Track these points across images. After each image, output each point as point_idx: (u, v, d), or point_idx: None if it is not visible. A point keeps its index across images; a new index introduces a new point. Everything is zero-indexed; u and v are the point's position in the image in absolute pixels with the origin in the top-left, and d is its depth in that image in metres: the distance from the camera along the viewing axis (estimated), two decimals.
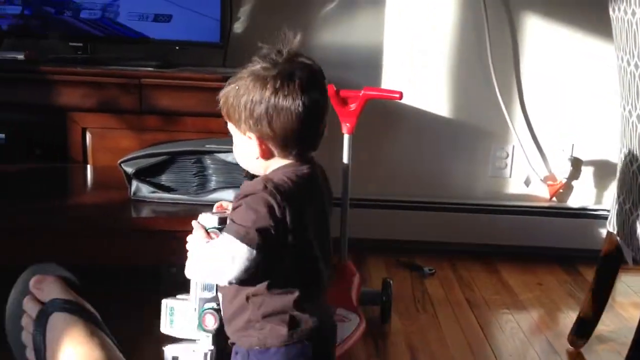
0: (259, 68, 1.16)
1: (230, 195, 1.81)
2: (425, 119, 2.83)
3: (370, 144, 2.78)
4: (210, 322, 1.20)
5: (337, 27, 2.78)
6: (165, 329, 1.23)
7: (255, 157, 1.20)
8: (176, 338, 1.24)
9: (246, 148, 1.20)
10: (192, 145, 1.88)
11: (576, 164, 2.86)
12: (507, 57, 2.80)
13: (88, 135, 2.30)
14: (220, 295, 1.22)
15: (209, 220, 1.21)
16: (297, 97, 1.13)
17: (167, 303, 1.24)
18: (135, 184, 1.84)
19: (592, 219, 2.80)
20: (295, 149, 1.18)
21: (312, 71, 1.17)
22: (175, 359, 1.21)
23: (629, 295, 2.50)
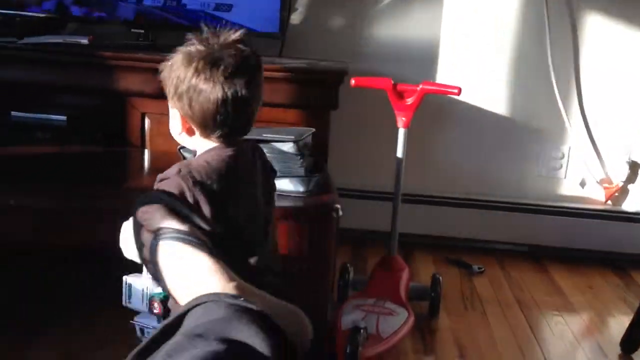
0: (192, 48, 1.20)
1: (285, 184, 1.83)
2: (479, 115, 2.80)
3: (422, 139, 2.77)
4: (155, 308, 1.24)
5: (394, 20, 2.77)
6: (125, 303, 1.29)
7: (179, 132, 1.26)
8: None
9: (173, 121, 1.26)
10: (249, 133, 1.90)
11: (634, 167, 2.80)
12: (567, 55, 2.74)
13: (147, 121, 2.35)
14: None
15: None
16: (218, 83, 1.17)
17: (126, 279, 1.29)
18: None
19: None
20: (216, 132, 1.21)
21: (243, 60, 1.20)
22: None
23: None
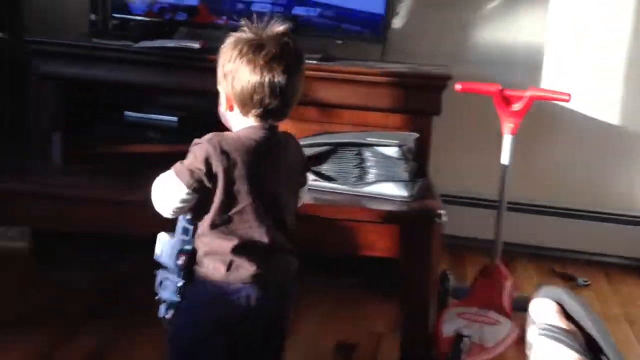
0: (241, 34, 1.33)
1: (389, 188, 1.84)
2: (587, 122, 2.71)
3: (527, 146, 2.70)
4: (180, 260, 1.37)
5: (499, 24, 2.72)
6: (156, 256, 1.41)
7: (223, 108, 1.38)
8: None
9: (220, 98, 1.38)
10: (354, 137, 1.92)
11: None
12: None
13: None
14: None
15: None
16: (257, 66, 1.29)
17: (160, 237, 1.41)
18: None
19: None
20: (252, 111, 1.33)
21: (284, 50, 1.31)
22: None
23: None
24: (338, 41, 2.55)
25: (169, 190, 1.34)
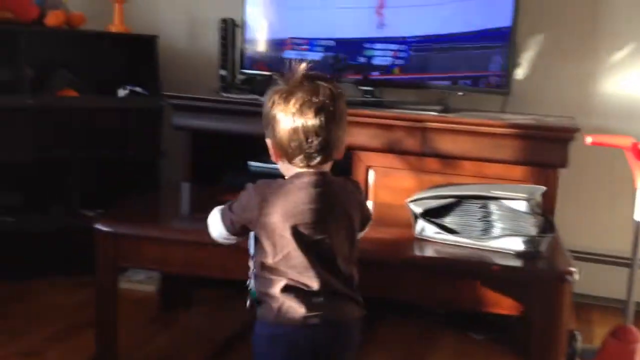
0: (275, 86, 1.40)
1: (516, 243, 1.79)
2: None
3: None
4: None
5: (626, 74, 2.63)
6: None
7: (273, 158, 1.44)
8: None
9: (270, 149, 1.44)
10: (478, 189, 1.89)
11: None
12: None
13: (371, 173, 2.43)
14: None
15: None
16: (289, 114, 1.34)
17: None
18: (421, 224, 1.89)
19: None
20: (295, 158, 1.37)
21: (315, 95, 1.35)
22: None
23: None
24: (459, 93, 2.55)
25: (215, 229, 1.52)
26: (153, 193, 2.55)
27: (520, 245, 1.79)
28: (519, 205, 1.79)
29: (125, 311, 2.11)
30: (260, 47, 2.68)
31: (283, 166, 1.43)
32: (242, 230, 1.48)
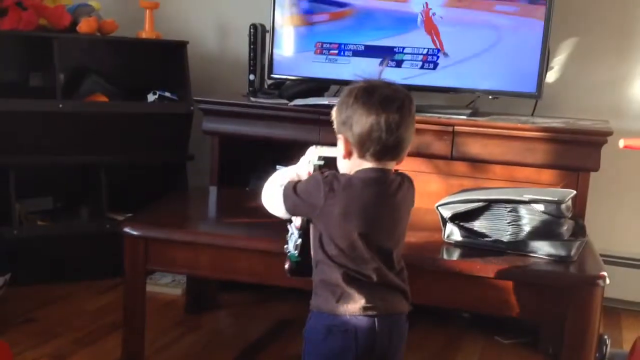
0: (355, 84, 1.43)
1: (546, 247, 1.76)
2: None
3: None
4: (297, 222, 1.52)
5: None
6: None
7: (342, 156, 1.45)
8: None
9: (339, 147, 1.45)
10: (508, 193, 1.86)
11: None
12: None
13: None
14: None
15: (315, 154, 1.51)
16: (372, 108, 1.37)
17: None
18: (449, 227, 1.88)
19: None
20: (370, 150, 1.40)
21: (395, 93, 1.40)
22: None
23: None
24: (489, 96, 2.52)
25: (272, 204, 1.51)
26: (181, 197, 2.57)
27: (550, 249, 1.77)
28: (550, 209, 1.77)
29: (152, 314, 2.12)
30: (289, 52, 2.68)
31: (351, 163, 1.45)
32: (300, 214, 1.49)
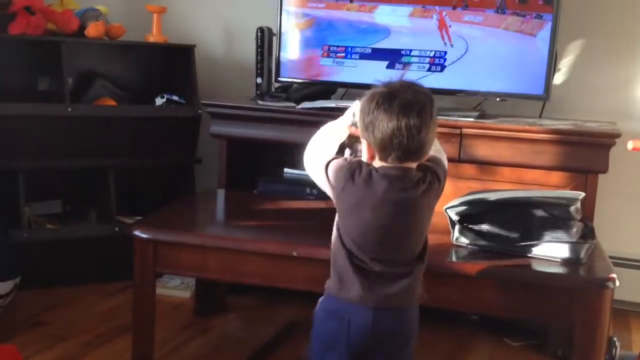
0: (376, 89, 1.45)
1: (555, 250, 1.76)
2: None
3: None
4: None
5: None
6: None
7: (366, 159, 1.49)
8: None
9: (362, 150, 1.50)
10: (516, 195, 1.86)
11: None
12: None
13: None
14: None
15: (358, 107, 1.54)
16: (394, 113, 1.40)
17: None
18: (458, 230, 1.88)
19: None
20: (392, 154, 1.43)
21: (416, 96, 1.42)
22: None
23: None
24: (497, 99, 2.52)
25: (309, 166, 1.59)
26: (190, 200, 2.57)
27: (559, 251, 1.76)
28: (559, 211, 1.76)
29: (160, 317, 2.13)
30: (296, 55, 2.68)
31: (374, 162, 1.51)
32: (322, 188, 1.54)
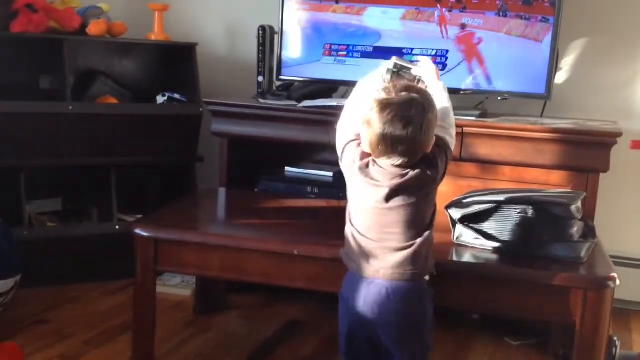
0: (378, 95, 1.54)
1: (557, 249, 1.76)
2: None
3: None
4: None
5: None
6: None
7: (365, 147, 1.57)
8: None
9: (362, 139, 1.58)
10: (518, 194, 1.86)
11: None
12: None
13: None
14: None
15: (393, 62, 1.68)
16: (382, 123, 1.50)
17: None
18: (459, 229, 1.88)
19: None
20: (380, 157, 1.54)
21: (409, 109, 1.50)
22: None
23: None
24: (498, 97, 2.52)
25: (337, 141, 1.68)
26: (191, 198, 2.57)
27: (560, 251, 1.76)
28: (560, 210, 1.76)
29: (161, 315, 2.13)
30: (298, 54, 2.68)
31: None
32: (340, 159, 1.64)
